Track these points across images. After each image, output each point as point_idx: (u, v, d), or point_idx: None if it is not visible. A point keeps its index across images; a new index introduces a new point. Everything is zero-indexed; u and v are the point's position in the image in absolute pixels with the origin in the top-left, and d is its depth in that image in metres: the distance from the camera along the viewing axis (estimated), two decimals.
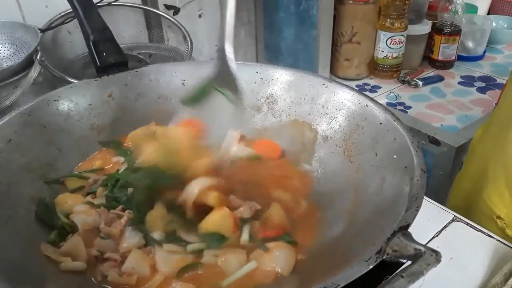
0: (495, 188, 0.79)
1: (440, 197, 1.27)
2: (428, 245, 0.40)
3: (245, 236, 0.55)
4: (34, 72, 0.86)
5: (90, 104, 0.72)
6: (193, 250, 0.53)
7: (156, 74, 0.77)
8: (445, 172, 1.24)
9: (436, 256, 0.37)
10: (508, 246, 0.67)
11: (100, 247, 0.54)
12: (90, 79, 0.74)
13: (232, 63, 0.58)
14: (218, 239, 0.54)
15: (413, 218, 0.44)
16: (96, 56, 0.75)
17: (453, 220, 0.73)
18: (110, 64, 0.76)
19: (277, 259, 0.51)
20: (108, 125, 0.73)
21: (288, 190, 0.64)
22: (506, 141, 0.76)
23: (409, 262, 0.39)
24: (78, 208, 0.58)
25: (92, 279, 0.51)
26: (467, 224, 0.72)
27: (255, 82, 0.77)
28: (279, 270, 0.50)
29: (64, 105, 0.70)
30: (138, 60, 1.08)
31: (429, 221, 0.72)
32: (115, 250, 0.53)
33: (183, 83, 0.78)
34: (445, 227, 0.72)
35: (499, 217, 0.78)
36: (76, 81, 0.81)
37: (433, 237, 0.70)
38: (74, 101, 0.71)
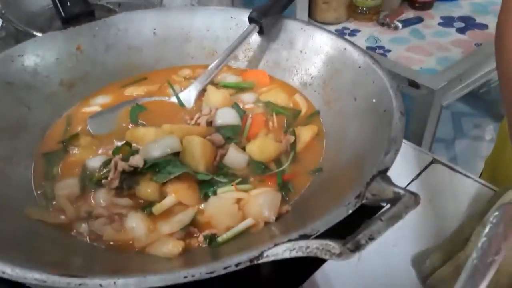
0: None
1: (419, 140, 1.29)
2: (407, 188, 0.40)
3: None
4: None
5: (58, 58, 0.69)
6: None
7: (125, 23, 0.74)
8: (424, 115, 1.25)
9: (415, 198, 0.37)
10: (485, 186, 0.69)
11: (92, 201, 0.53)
12: (56, 31, 0.70)
13: None
14: (263, 168, 0.57)
15: (392, 162, 0.44)
16: (60, 7, 0.71)
17: (431, 163, 0.73)
18: (75, 15, 0.71)
19: (263, 206, 0.51)
20: (79, 80, 0.70)
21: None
22: None
23: (389, 206, 0.39)
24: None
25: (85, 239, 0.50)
26: (446, 165, 0.73)
27: (230, 29, 0.74)
28: (266, 214, 0.50)
29: (30, 60, 0.66)
30: (107, 10, 1.03)
31: (408, 164, 0.73)
32: (105, 206, 0.52)
33: (154, 32, 0.74)
34: (424, 169, 0.72)
35: None
36: (40, 34, 0.76)
37: (412, 180, 0.71)
38: (40, 55, 0.67)
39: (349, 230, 0.37)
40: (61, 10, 0.71)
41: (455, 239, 0.57)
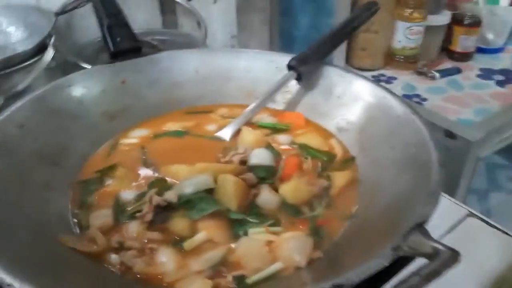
0: None
1: (454, 192, 1.25)
2: (441, 241, 0.39)
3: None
4: (47, 56, 0.86)
5: (103, 91, 0.71)
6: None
7: (169, 61, 0.76)
8: (460, 166, 1.22)
9: (455, 256, 0.36)
10: None
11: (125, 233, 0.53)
12: (103, 64, 0.73)
13: None
14: (295, 211, 0.56)
15: (430, 215, 0.43)
16: (110, 41, 0.75)
17: (467, 216, 0.71)
18: (123, 50, 0.75)
19: (294, 250, 0.50)
20: (120, 112, 0.72)
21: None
22: None
23: (425, 260, 0.38)
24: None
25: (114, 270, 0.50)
26: (482, 220, 0.70)
27: (270, 72, 0.76)
28: (297, 259, 0.49)
29: (77, 91, 0.69)
30: (152, 46, 1.07)
31: (443, 217, 0.70)
32: (136, 239, 0.52)
33: (196, 71, 0.77)
34: (459, 222, 0.70)
35: None
36: (89, 67, 0.80)
37: (447, 233, 0.68)
38: (87, 87, 0.70)
39: (381, 280, 0.36)
40: (110, 45, 0.75)
41: None
